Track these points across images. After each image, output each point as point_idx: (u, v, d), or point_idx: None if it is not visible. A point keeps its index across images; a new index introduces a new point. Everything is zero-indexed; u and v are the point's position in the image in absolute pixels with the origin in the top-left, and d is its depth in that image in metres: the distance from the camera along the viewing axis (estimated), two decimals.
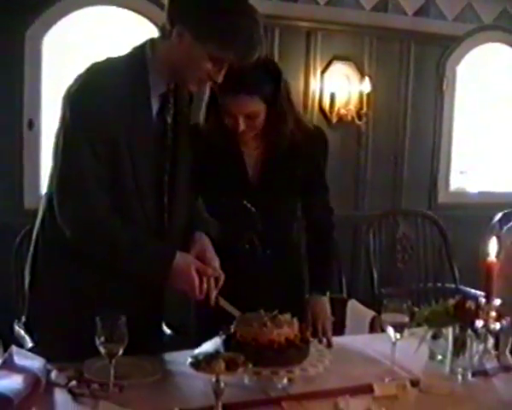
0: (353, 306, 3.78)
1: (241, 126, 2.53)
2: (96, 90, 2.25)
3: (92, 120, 2.22)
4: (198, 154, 2.60)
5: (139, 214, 2.36)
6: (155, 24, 4.51)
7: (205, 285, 2.33)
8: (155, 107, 2.36)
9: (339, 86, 5.43)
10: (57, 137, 2.31)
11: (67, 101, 2.27)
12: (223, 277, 2.39)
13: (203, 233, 2.49)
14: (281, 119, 2.58)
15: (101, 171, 2.26)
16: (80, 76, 2.29)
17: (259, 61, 2.38)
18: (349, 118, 5.48)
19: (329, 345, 2.63)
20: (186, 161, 2.49)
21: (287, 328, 2.24)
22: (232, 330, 2.29)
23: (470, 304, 2.37)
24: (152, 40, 2.35)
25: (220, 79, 2.30)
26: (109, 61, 2.36)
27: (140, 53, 2.34)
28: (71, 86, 2.28)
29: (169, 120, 2.40)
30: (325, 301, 2.76)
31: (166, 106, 2.39)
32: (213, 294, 2.35)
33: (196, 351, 2.22)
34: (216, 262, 2.42)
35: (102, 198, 2.28)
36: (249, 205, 2.67)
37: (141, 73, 2.31)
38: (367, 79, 5.47)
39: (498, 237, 2.48)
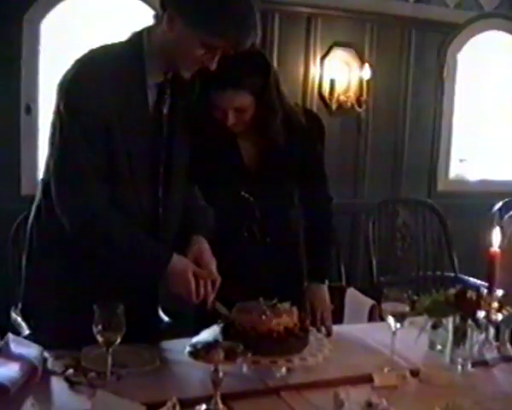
0: (352, 294, 3.75)
1: (230, 120, 2.49)
2: (90, 78, 2.21)
3: (87, 109, 2.19)
4: (194, 144, 2.58)
5: (134, 205, 2.34)
6: (154, 9, 4.48)
7: (202, 289, 2.31)
8: (152, 97, 2.32)
9: (339, 73, 5.41)
10: (53, 126, 2.28)
11: (62, 90, 2.24)
12: (219, 280, 2.37)
13: (200, 236, 2.46)
14: (270, 111, 2.54)
15: (98, 160, 2.23)
16: (75, 64, 2.26)
17: (246, 53, 2.32)
18: (349, 105, 5.46)
19: (329, 334, 2.62)
20: (182, 152, 2.46)
21: (286, 317, 2.23)
22: (231, 318, 2.27)
23: (471, 294, 2.36)
24: (149, 28, 2.31)
25: (214, 65, 2.26)
26: (105, 48, 2.33)
27: (137, 41, 2.30)
28: (65, 74, 2.25)
29: (165, 110, 2.36)
30: (324, 290, 2.75)
31: (163, 97, 2.35)
32: (210, 298, 2.32)
33: (194, 340, 2.21)
34: (213, 265, 2.40)
35: (100, 189, 2.25)
36: (247, 195, 2.66)
37: (137, 62, 2.28)
38: (367, 65, 5.45)
39: (501, 227, 2.46)
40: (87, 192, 2.24)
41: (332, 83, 5.39)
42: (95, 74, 2.22)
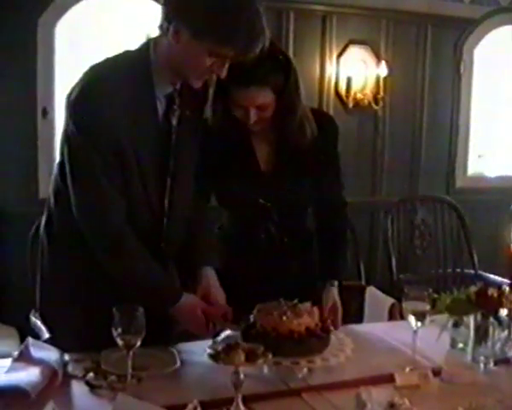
0: (372, 293, 3.75)
1: (252, 118, 2.49)
2: (98, 94, 2.18)
3: (96, 126, 2.17)
4: (208, 149, 2.57)
5: (146, 217, 2.36)
6: None
7: (211, 325, 2.34)
8: (162, 108, 2.31)
9: (355, 70, 5.39)
10: (65, 142, 2.28)
11: (70, 108, 2.22)
12: (230, 311, 2.39)
13: (208, 268, 2.48)
14: (289, 109, 2.54)
15: (115, 176, 2.23)
16: (82, 78, 2.24)
17: (269, 51, 2.34)
18: (365, 102, 5.44)
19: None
20: (188, 164, 2.45)
21: (307, 317, 2.22)
22: (252, 319, 2.26)
23: (493, 291, 2.34)
24: (155, 39, 2.28)
25: (224, 73, 2.24)
26: (109, 62, 2.30)
27: (143, 53, 2.28)
28: (70, 93, 2.23)
29: (174, 121, 2.35)
30: (333, 292, 2.70)
31: (172, 107, 2.34)
32: (224, 332, 2.35)
33: (215, 341, 2.20)
34: (221, 297, 2.44)
35: (121, 207, 2.27)
36: (264, 201, 2.65)
37: (145, 74, 2.26)
38: (383, 62, 5.42)
39: None
40: (110, 220, 2.25)
41: (348, 81, 5.37)
42: (102, 90, 2.19)
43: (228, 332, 2.31)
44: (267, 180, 2.65)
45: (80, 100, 2.19)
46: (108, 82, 2.21)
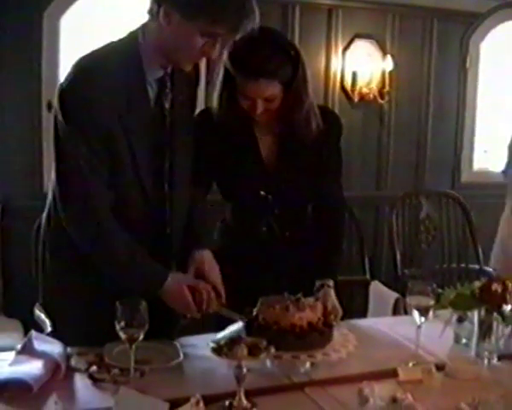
0: (376, 287, 3.74)
1: (259, 109, 2.50)
2: (87, 85, 2.18)
3: (84, 115, 2.17)
4: (211, 139, 2.60)
5: (140, 204, 2.34)
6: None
7: (204, 305, 2.32)
8: (153, 93, 2.31)
9: (361, 65, 5.37)
10: (54, 135, 2.26)
11: (59, 99, 2.21)
12: (219, 283, 2.39)
13: (202, 250, 2.46)
14: (296, 102, 2.54)
15: (101, 166, 2.22)
16: (71, 70, 2.23)
17: (280, 44, 2.41)
18: (371, 97, 5.42)
19: None
20: (185, 146, 2.45)
21: (309, 312, 2.21)
22: (254, 313, 2.26)
23: (497, 287, 2.33)
24: (143, 25, 2.28)
25: (215, 54, 2.24)
26: (98, 52, 2.29)
27: (132, 39, 2.28)
28: (60, 85, 2.23)
29: (167, 105, 2.35)
30: (331, 294, 2.63)
31: (164, 91, 2.33)
32: (212, 305, 2.33)
33: (218, 335, 2.20)
34: (213, 273, 2.42)
35: (104, 197, 2.25)
36: (265, 193, 2.65)
37: (134, 60, 2.25)
38: (389, 57, 5.40)
39: None
40: (91, 202, 2.23)
41: (354, 75, 5.35)
42: (91, 81, 2.18)
43: (231, 326, 2.31)
44: (269, 172, 2.66)
45: (68, 89, 2.19)
46: (97, 70, 2.21)
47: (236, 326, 2.29)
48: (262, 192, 2.64)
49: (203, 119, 2.64)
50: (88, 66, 2.24)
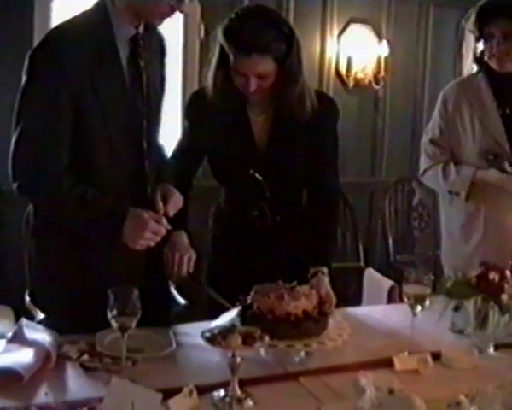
0: (370, 275, 3.71)
1: (252, 86, 2.49)
2: (54, 43, 2.20)
3: (51, 71, 2.16)
4: (203, 117, 2.61)
5: (112, 163, 2.30)
6: None
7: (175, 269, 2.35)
8: (124, 52, 2.29)
9: (356, 50, 5.34)
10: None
11: (26, 62, 2.21)
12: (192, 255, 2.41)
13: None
14: (289, 80, 2.53)
15: (63, 125, 2.20)
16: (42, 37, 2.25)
17: (273, 20, 2.42)
18: (366, 82, 5.40)
19: None
20: (157, 103, 2.45)
21: (304, 300, 2.18)
22: (249, 301, 2.24)
23: (494, 275, 2.31)
24: None
25: (186, 9, 2.24)
26: (68, 20, 2.30)
27: (99, 2, 2.28)
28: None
29: (142, 63, 2.33)
30: (325, 281, 2.61)
31: (137, 50, 2.31)
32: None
33: (212, 324, 2.17)
34: (173, 199, 2.35)
35: (61, 157, 2.22)
36: (256, 174, 2.63)
37: (103, 20, 2.25)
38: (385, 42, 5.37)
39: None
40: (46, 156, 2.21)
41: (349, 60, 5.33)
42: (57, 39, 2.20)
43: (225, 315, 2.28)
44: (260, 152, 2.65)
45: (36, 49, 2.21)
46: (66, 31, 2.24)
47: (230, 314, 2.26)
48: (252, 172, 2.62)
49: (197, 98, 2.68)
50: (57, 29, 2.27)
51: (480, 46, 3.20)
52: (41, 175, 2.21)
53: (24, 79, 2.20)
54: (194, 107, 2.70)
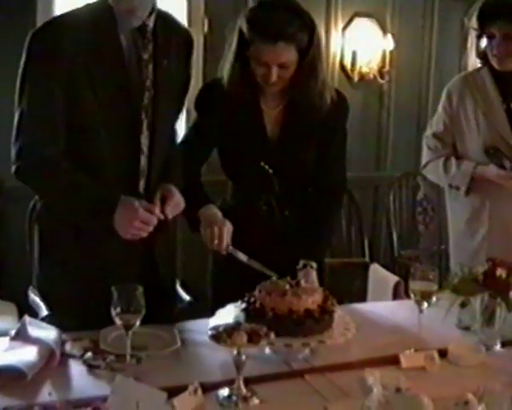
0: (376, 271, 3.70)
1: (274, 76, 2.49)
2: (52, 28, 2.24)
3: (48, 54, 2.18)
4: (216, 108, 2.61)
5: (105, 153, 2.29)
6: None
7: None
8: (127, 42, 2.27)
9: (360, 44, 5.30)
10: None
11: (25, 45, 2.22)
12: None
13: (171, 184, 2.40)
14: (312, 72, 2.54)
15: (58, 107, 2.21)
16: None
17: (296, 10, 2.45)
18: (371, 76, 5.35)
19: None
20: (169, 100, 2.42)
21: (308, 298, 2.16)
22: (253, 297, 2.21)
23: (501, 272, 2.29)
24: None
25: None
26: (74, 8, 2.31)
27: None
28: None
29: (145, 56, 2.31)
30: (313, 276, 2.58)
31: (142, 41, 2.29)
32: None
33: (217, 321, 2.15)
34: (173, 200, 2.34)
35: (56, 142, 2.23)
36: (267, 166, 2.63)
37: (104, 8, 2.24)
38: (389, 36, 5.34)
39: None
40: (42, 142, 2.22)
41: (354, 54, 5.29)
42: (55, 25, 2.24)
43: (227, 311, 2.26)
44: (271, 144, 2.65)
45: (35, 33, 2.23)
46: (65, 18, 2.27)
47: (234, 310, 2.24)
48: (262, 164, 2.63)
49: (209, 88, 2.70)
50: (60, 15, 2.31)
51: (484, 42, 3.19)
52: (36, 159, 2.22)
53: (23, 57, 2.22)
54: (206, 97, 2.68)
